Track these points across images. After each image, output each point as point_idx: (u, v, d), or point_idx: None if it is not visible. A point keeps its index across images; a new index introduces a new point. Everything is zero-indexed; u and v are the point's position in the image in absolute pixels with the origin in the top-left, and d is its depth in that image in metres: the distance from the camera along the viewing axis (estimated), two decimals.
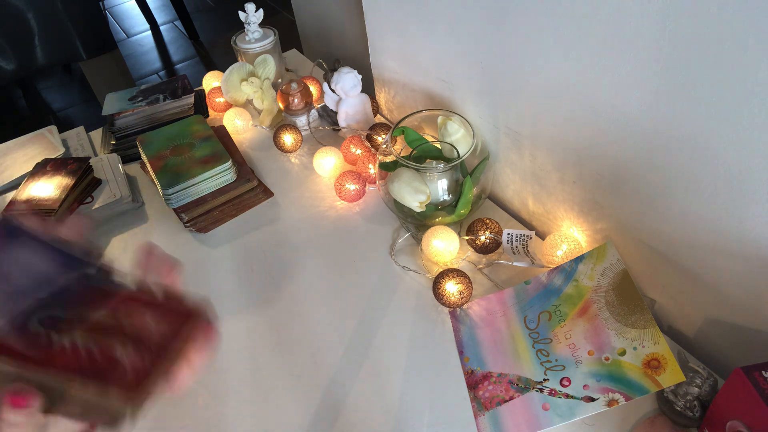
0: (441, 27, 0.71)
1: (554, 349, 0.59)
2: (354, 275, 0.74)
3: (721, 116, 0.44)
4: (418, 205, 0.68)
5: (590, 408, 0.52)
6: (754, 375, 0.44)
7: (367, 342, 0.66)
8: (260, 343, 0.67)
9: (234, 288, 0.74)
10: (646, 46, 0.46)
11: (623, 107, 0.52)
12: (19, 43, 1.25)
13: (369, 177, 0.84)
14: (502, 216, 0.79)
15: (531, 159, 0.70)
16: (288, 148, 0.93)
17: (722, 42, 0.41)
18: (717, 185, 0.48)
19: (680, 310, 0.61)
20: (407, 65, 0.85)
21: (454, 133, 0.72)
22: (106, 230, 0.84)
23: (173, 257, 0.37)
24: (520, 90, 0.64)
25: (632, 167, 0.56)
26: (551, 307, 0.62)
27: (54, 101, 2.32)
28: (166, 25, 2.73)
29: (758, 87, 0.41)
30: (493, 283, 0.70)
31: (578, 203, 0.67)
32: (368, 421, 0.59)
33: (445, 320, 0.67)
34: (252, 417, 0.60)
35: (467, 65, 0.71)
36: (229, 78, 0.99)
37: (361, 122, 0.94)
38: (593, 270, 0.62)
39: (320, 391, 0.62)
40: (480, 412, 0.57)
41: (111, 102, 1.02)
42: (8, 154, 0.96)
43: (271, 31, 1.04)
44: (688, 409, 0.53)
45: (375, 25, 0.87)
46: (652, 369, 0.52)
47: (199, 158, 0.82)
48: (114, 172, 0.90)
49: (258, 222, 0.83)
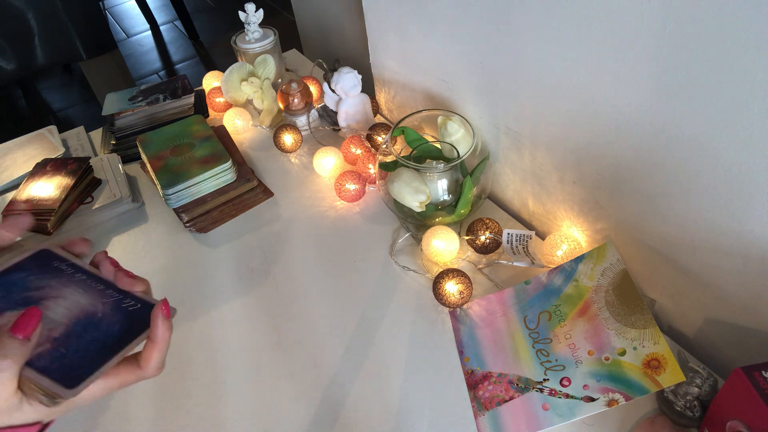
0: (441, 27, 0.71)
1: (554, 349, 0.59)
2: (354, 275, 0.74)
3: (721, 116, 0.44)
4: (418, 205, 0.68)
5: (590, 408, 0.52)
6: (754, 375, 0.44)
7: (367, 342, 0.66)
8: (260, 343, 0.67)
9: (234, 288, 0.74)
10: (646, 46, 0.46)
11: (623, 107, 0.52)
12: (19, 43, 1.25)
13: (369, 177, 0.84)
14: (502, 216, 0.79)
15: (531, 159, 0.70)
16: (288, 148, 0.93)
17: (722, 42, 0.41)
18: (717, 185, 0.48)
19: (680, 310, 0.61)
20: (407, 65, 0.85)
21: (454, 133, 0.72)
22: (106, 230, 0.84)
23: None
24: (520, 90, 0.64)
25: (632, 167, 0.56)
26: (551, 307, 0.62)
27: (54, 101, 2.32)
28: (166, 25, 2.73)
29: (758, 87, 0.41)
30: (493, 283, 0.70)
31: (578, 203, 0.67)
32: (368, 421, 0.59)
33: (445, 320, 0.67)
34: (252, 417, 0.60)
35: (467, 65, 0.71)
36: (229, 78, 0.99)
37: (361, 122, 0.94)
38: (593, 270, 0.62)
39: (320, 391, 0.62)
40: (480, 412, 0.57)
41: (111, 102, 1.02)
42: (8, 154, 0.96)
43: (271, 31, 1.04)
44: (688, 409, 0.53)
45: (375, 25, 0.87)
46: (652, 369, 0.52)
47: (199, 158, 0.83)
48: (114, 172, 0.90)
49: (258, 222, 0.83)
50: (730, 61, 0.41)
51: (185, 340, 0.68)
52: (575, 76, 0.56)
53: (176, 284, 0.75)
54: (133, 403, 0.62)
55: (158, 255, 0.80)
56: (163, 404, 0.62)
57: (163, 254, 0.80)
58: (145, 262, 0.79)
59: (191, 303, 0.73)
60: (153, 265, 0.78)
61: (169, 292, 0.74)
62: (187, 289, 0.75)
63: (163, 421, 0.61)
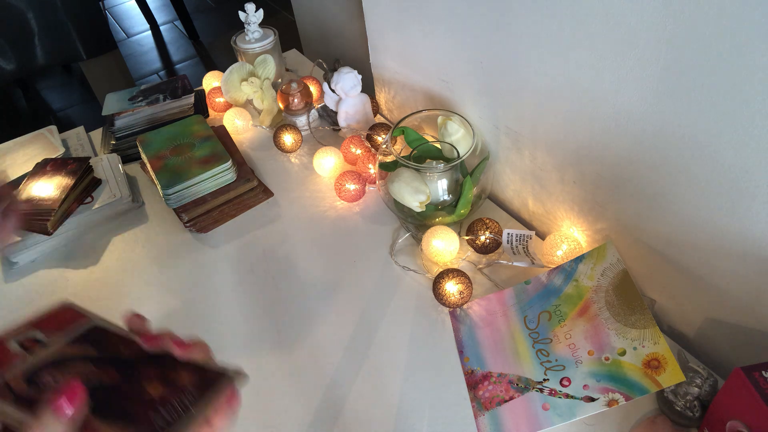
0: (441, 27, 0.71)
1: (554, 349, 0.59)
2: (354, 275, 0.74)
3: (721, 116, 0.44)
4: (418, 205, 0.68)
5: (590, 408, 0.52)
6: (754, 375, 0.44)
7: (367, 342, 0.66)
8: (260, 343, 0.67)
9: (234, 288, 0.74)
10: (646, 46, 0.46)
11: (623, 107, 0.52)
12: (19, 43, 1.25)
13: (369, 177, 0.84)
14: (502, 216, 0.79)
15: (531, 159, 0.70)
16: (288, 148, 0.93)
17: (722, 42, 0.41)
18: (717, 185, 0.48)
19: (680, 310, 0.61)
20: (407, 65, 0.85)
21: (454, 133, 0.72)
22: (106, 230, 0.84)
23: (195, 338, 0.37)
24: (520, 90, 0.64)
25: (632, 167, 0.56)
26: (551, 307, 0.62)
27: (54, 101, 2.32)
28: (166, 25, 2.73)
29: (758, 87, 0.41)
30: (493, 283, 0.70)
31: (578, 203, 0.67)
32: (368, 420, 0.59)
33: (445, 320, 0.67)
34: (252, 417, 0.60)
35: (467, 65, 0.71)
36: (229, 78, 0.99)
37: (361, 122, 0.94)
38: (593, 270, 0.62)
39: (320, 391, 0.62)
40: (480, 412, 0.57)
41: (111, 102, 1.02)
42: (8, 154, 0.96)
43: (271, 31, 1.04)
44: (688, 409, 0.53)
45: (375, 25, 0.87)
46: (652, 369, 0.52)
47: (199, 158, 0.82)
48: (114, 172, 0.90)
49: (258, 222, 0.83)
50: (731, 61, 0.41)
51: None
52: (575, 76, 0.56)
53: (176, 284, 0.75)
54: None
55: (158, 255, 0.80)
56: None
57: (163, 254, 0.80)
58: (145, 262, 0.79)
59: (191, 303, 0.73)
60: (153, 265, 0.78)
61: (170, 292, 0.74)
62: (187, 289, 0.75)
63: None
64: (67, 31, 1.28)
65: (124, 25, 2.78)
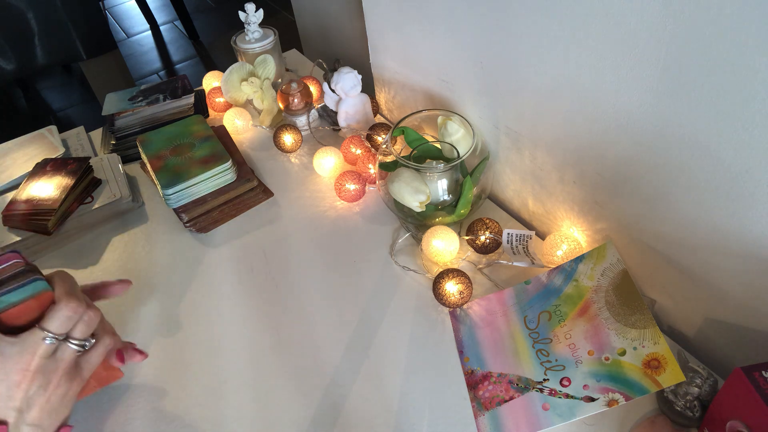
0: (441, 27, 0.71)
1: (554, 349, 0.59)
2: (354, 275, 0.74)
3: (721, 116, 0.44)
4: (418, 205, 0.68)
5: (590, 408, 0.52)
6: (754, 375, 0.44)
7: (367, 342, 0.66)
8: (260, 343, 0.67)
9: (234, 288, 0.74)
10: (646, 46, 0.46)
11: (623, 107, 0.52)
12: (19, 43, 1.25)
13: (369, 177, 0.84)
14: (502, 216, 0.79)
15: (531, 159, 0.70)
16: (288, 148, 0.93)
17: (722, 41, 0.41)
18: (717, 185, 0.48)
19: (680, 310, 0.61)
20: (407, 65, 0.85)
21: (454, 133, 0.72)
22: (106, 230, 0.84)
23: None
24: (520, 90, 0.64)
25: (632, 167, 0.56)
26: (551, 307, 0.62)
27: (54, 101, 2.32)
28: (166, 25, 2.73)
29: (758, 87, 0.41)
30: (493, 283, 0.70)
31: (578, 203, 0.67)
32: (368, 421, 0.59)
33: (445, 320, 0.67)
34: (252, 417, 0.60)
35: (467, 65, 0.71)
36: (229, 78, 0.99)
37: (361, 122, 0.94)
38: (593, 270, 0.62)
39: (320, 391, 0.62)
40: (480, 412, 0.57)
41: (111, 102, 1.02)
42: (8, 154, 0.96)
43: (271, 31, 1.04)
44: (688, 409, 0.53)
45: (375, 25, 0.87)
46: (652, 369, 0.52)
47: (199, 158, 0.83)
48: (114, 172, 0.90)
49: (258, 222, 0.83)
50: (731, 60, 0.41)
51: (185, 341, 0.68)
52: (575, 76, 0.56)
53: (176, 284, 0.75)
54: (133, 403, 0.62)
55: (158, 255, 0.80)
56: (162, 404, 0.62)
57: (163, 254, 0.80)
58: (145, 262, 0.79)
59: (191, 303, 0.73)
60: (153, 265, 0.78)
61: (169, 292, 0.74)
62: (187, 289, 0.75)
63: (164, 421, 0.61)
64: (67, 31, 1.28)
65: (124, 25, 2.78)
